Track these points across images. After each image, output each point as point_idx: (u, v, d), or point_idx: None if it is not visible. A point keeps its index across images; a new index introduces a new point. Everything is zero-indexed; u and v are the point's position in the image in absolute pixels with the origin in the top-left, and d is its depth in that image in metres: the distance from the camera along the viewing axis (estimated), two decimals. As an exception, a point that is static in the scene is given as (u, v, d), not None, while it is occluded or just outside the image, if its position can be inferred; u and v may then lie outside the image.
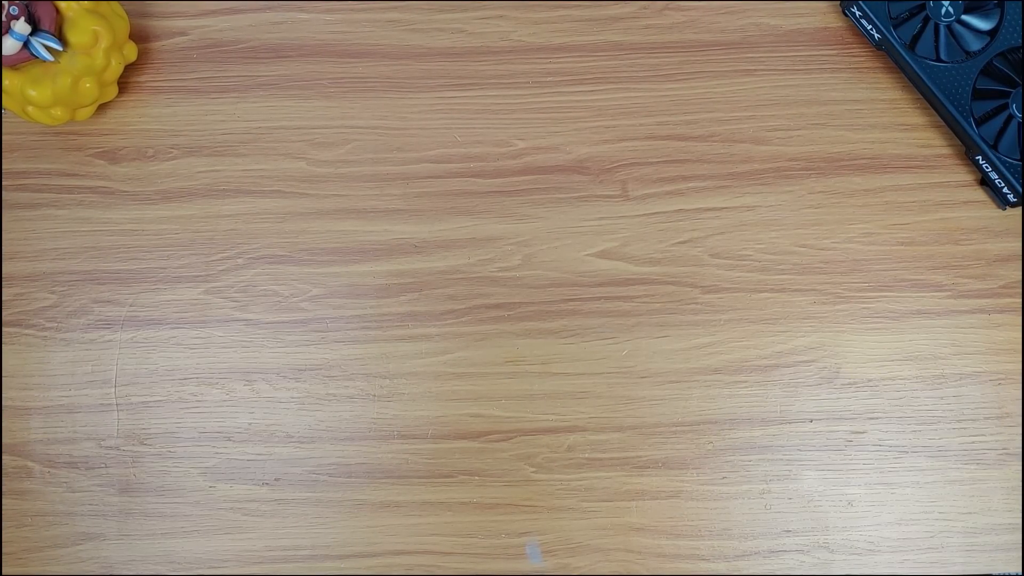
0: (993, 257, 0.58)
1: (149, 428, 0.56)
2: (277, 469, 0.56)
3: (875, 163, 0.59)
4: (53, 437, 0.56)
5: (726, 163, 0.58)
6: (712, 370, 0.57)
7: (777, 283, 0.57)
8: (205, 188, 0.57)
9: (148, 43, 0.58)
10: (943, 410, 0.57)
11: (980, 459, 0.57)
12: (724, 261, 0.58)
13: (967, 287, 0.58)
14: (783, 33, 0.60)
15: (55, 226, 0.57)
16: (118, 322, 0.56)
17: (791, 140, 0.59)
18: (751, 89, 0.59)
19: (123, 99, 0.58)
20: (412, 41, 0.59)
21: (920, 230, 0.58)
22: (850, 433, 0.57)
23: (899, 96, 0.59)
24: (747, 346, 0.57)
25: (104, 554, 0.55)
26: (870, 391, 0.57)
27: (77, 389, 0.56)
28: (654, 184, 0.58)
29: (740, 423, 0.56)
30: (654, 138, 0.58)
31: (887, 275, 0.58)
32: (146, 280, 0.57)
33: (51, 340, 0.56)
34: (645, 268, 0.57)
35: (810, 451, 0.57)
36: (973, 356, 0.57)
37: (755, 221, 0.58)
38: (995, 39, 0.56)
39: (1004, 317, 0.57)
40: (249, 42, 0.59)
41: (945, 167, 0.59)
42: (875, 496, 0.56)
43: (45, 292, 0.57)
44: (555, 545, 0.56)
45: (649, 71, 0.59)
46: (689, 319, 0.57)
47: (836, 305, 0.57)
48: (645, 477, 0.56)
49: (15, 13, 0.49)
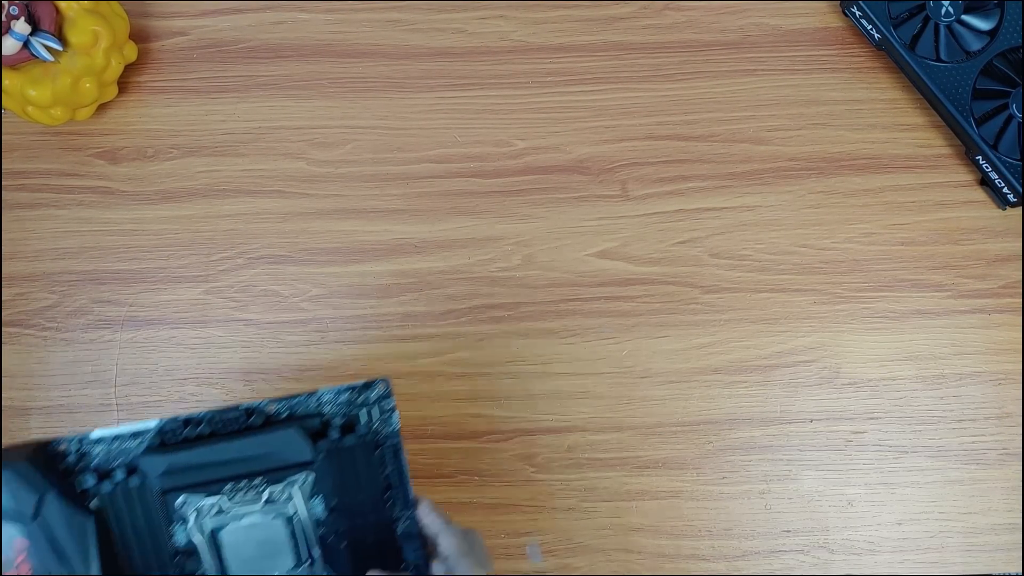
0: (993, 257, 0.58)
1: (149, 428, 0.56)
2: (277, 469, 0.56)
3: (875, 163, 0.59)
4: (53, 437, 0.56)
5: (726, 163, 0.58)
6: (712, 370, 0.57)
7: (777, 283, 0.57)
8: (205, 188, 0.57)
9: (148, 43, 0.58)
10: (943, 410, 0.57)
11: (980, 459, 0.57)
12: (724, 261, 0.58)
13: (967, 287, 0.58)
14: (783, 33, 0.59)
15: (55, 226, 0.57)
16: (118, 322, 0.56)
17: (791, 140, 0.59)
18: (751, 89, 0.59)
19: (123, 99, 0.58)
20: (412, 41, 0.59)
21: (920, 230, 0.58)
22: (850, 433, 0.57)
23: (899, 96, 0.59)
24: (747, 346, 0.57)
25: (104, 554, 0.55)
26: (870, 391, 0.57)
27: (77, 389, 0.56)
28: (654, 184, 0.58)
29: (740, 423, 0.56)
30: (654, 138, 0.58)
31: (887, 275, 0.58)
32: (146, 280, 0.57)
33: (51, 340, 0.56)
34: (645, 268, 0.57)
35: (810, 451, 0.57)
36: (973, 356, 0.57)
37: (755, 221, 0.58)
38: (995, 39, 0.56)
39: (1004, 317, 0.57)
40: (249, 42, 0.59)
41: (945, 167, 0.59)
42: (875, 496, 0.56)
43: (45, 292, 0.57)
44: (555, 545, 0.56)
45: (649, 71, 0.59)
46: (689, 319, 0.57)
47: (836, 305, 0.57)
48: (645, 477, 0.56)
49: (15, 13, 0.49)
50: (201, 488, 0.38)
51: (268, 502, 0.39)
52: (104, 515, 0.38)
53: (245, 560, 0.39)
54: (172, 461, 0.38)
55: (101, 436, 0.38)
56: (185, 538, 0.39)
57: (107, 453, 0.38)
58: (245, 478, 0.38)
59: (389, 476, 0.40)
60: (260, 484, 0.39)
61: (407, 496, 0.40)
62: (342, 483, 0.40)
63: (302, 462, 0.39)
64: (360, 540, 0.40)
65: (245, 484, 0.39)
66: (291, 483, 0.39)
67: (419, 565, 0.41)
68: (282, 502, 0.39)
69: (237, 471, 0.38)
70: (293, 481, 0.39)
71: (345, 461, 0.39)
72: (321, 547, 0.40)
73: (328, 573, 0.40)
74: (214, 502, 0.39)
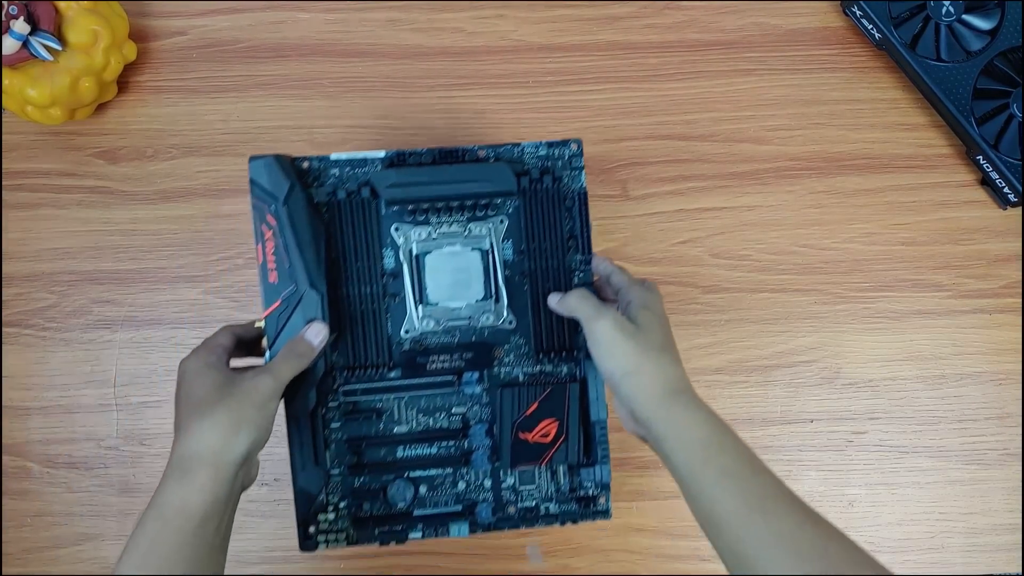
0: (994, 257, 0.58)
1: (148, 428, 0.56)
2: (277, 469, 0.56)
3: (876, 163, 0.58)
4: (52, 437, 0.56)
5: (726, 163, 0.58)
6: (712, 370, 0.57)
7: (777, 283, 0.57)
8: (204, 188, 0.57)
9: (148, 43, 0.58)
10: (944, 410, 0.57)
11: (981, 459, 0.57)
12: (724, 261, 0.57)
13: (967, 287, 0.58)
14: (783, 33, 0.59)
15: (54, 226, 0.57)
16: (117, 322, 0.56)
17: (792, 140, 0.58)
18: (751, 89, 0.59)
19: (123, 99, 0.58)
20: (412, 41, 0.59)
21: (921, 230, 0.58)
22: (851, 433, 0.57)
23: (900, 96, 0.59)
24: (747, 346, 0.57)
25: (104, 554, 0.55)
26: (871, 391, 0.57)
27: (76, 389, 0.56)
28: (654, 184, 0.58)
29: (740, 423, 0.56)
30: (654, 138, 0.58)
31: (888, 275, 0.58)
32: (145, 280, 0.57)
33: (51, 340, 0.56)
34: (645, 268, 0.57)
35: (811, 451, 0.56)
36: (974, 356, 0.57)
37: (755, 221, 0.58)
38: (996, 39, 0.56)
39: (1004, 317, 0.57)
40: (249, 42, 0.59)
41: (946, 167, 0.59)
42: (876, 496, 0.56)
43: (45, 292, 0.56)
44: (555, 545, 0.56)
45: (649, 71, 0.59)
46: (689, 319, 0.57)
47: (837, 305, 0.57)
48: (645, 477, 0.56)
49: (14, 13, 0.49)
50: (417, 207, 0.45)
51: (469, 236, 0.46)
52: (332, 227, 0.45)
53: (441, 286, 0.46)
54: (399, 175, 0.44)
55: (338, 159, 0.45)
56: (393, 261, 0.45)
57: (341, 174, 0.45)
58: (457, 201, 0.45)
59: (572, 228, 0.46)
60: (464, 219, 0.46)
61: (586, 249, 0.46)
62: (531, 230, 0.46)
63: (507, 191, 0.45)
64: (539, 284, 0.46)
65: (452, 216, 0.46)
66: (490, 222, 0.46)
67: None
68: (480, 237, 0.46)
69: (451, 192, 0.45)
70: (492, 221, 0.46)
71: (536, 209, 0.46)
72: (506, 286, 0.46)
73: (508, 309, 0.46)
74: (423, 231, 0.45)
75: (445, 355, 0.46)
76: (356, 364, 0.45)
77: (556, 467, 0.46)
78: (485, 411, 0.46)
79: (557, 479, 0.46)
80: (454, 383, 0.46)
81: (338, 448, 0.45)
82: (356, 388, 0.45)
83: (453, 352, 0.46)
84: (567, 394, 0.45)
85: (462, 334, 0.46)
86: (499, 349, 0.46)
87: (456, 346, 0.46)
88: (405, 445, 0.46)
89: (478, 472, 0.46)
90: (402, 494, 0.45)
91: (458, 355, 0.46)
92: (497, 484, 0.46)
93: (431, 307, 0.45)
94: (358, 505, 0.45)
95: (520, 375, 0.46)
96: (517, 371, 0.46)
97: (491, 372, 0.46)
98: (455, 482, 0.46)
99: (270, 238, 0.43)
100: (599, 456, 0.45)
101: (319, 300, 0.43)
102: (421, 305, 0.45)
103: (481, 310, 0.46)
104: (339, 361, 0.45)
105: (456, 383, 0.46)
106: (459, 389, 0.46)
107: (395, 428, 0.46)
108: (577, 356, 0.46)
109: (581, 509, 0.46)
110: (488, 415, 0.46)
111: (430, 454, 0.46)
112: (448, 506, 0.46)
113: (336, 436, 0.45)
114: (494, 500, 0.46)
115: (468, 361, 0.46)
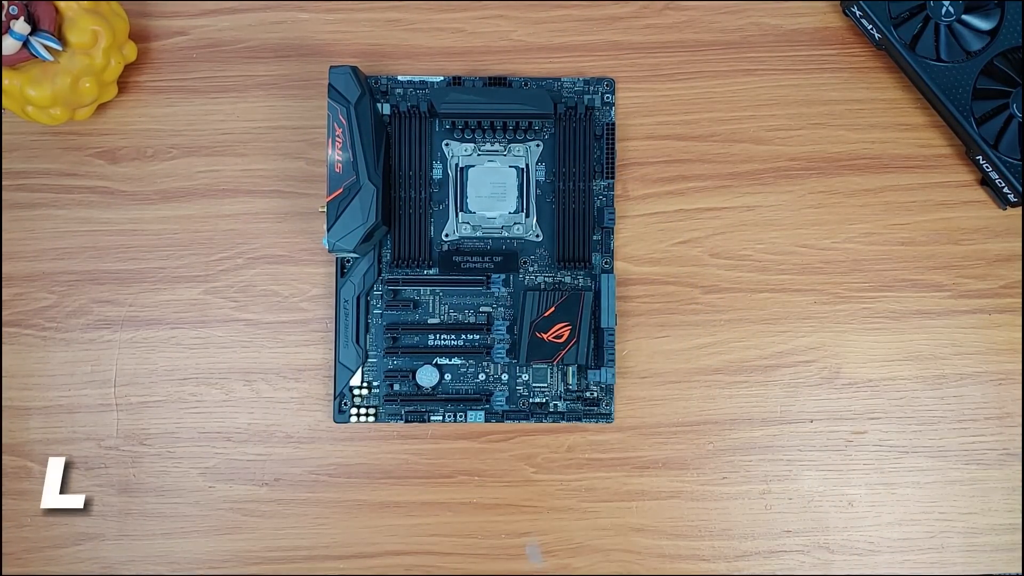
0: (993, 257, 0.58)
1: (148, 428, 0.56)
2: (277, 469, 0.56)
3: (875, 163, 0.59)
4: (53, 437, 0.56)
5: (726, 163, 0.58)
6: (712, 370, 0.57)
7: (777, 283, 0.57)
8: (205, 188, 0.57)
9: (148, 43, 0.58)
10: (943, 410, 0.57)
11: (981, 459, 0.57)
12: (724, 261, 0.58)
13: (967, 287, 0.58)
14: (783, 33, 0.59)
15: (55, 226, 0.57)
16: (117, 322, 0.56)
17: (791, 140, 0.59)
18: (751, 89, 0.59)
19: (123, 99, 0.58)
20: (412, 41, 0.59)
21: (920, 230, 0.58)
22: (850, 433, 0.57)
23: (899, 96, 0.59)
24: (747, 346, 0.57)
25: (103, 554, 0.55)
26: (870, 391, 0.57)
27: (76, 389, 0.56)
28: (654, 184, 0.58)
29: (740, 423, 0.56)
30: (654, 138, 0.58)
31: (887, 275, 0.58)
32: (145, 280, 0.57)
33: (50, 340, 0.56)
34: (645, 268, 0.57)
35: (810, 451, 0.57)
36: (973, 356, 0.57)
37: (755, 221, 0.58)
38: (995, 39, 0.56)
39: (1004, 317, 0.57)
40: (249, 42, 0.59)
41: (945, 167, 0.59)
42: (875, 496, 0.56)
43: (44, 292, 0.56)
44: (555, 545, 0.56)
45: (649, 71, 0.59)
46: (689, 319, 0.57)
47: (836, 305, 0.57)
48: (645, 477, 0.56)
49: (14, 13, 0.49)
50: (467, 125, 0.54)
51: (508, 155, 0.54)
52: (392, 137, 0.54)
53: (480, 197, 0.54)
54: (455, 94, 0.53)
55: (404, 79, 0.55)
56: (441, 172, 0.54)
57: (405, 92, 0.55)
58: (501, 120, 0.53)
59: (600, 157, 0.55)
60: (505, 140, 0.54)
61: (610, 175, 0.55)
62: (562, 153, 0.54)
63: (545, 113, 0.53)
64: (567, 204, 0.54)
65: (495, 136, 0.54)
66: (528, 144, 0.54)
67: (609, 231, 0.55)
68: (518, 156, 0.54)
69: (497, 110, 0.53)
70: (529, 144, 0.54)
71: (569, 134, 0.54)
72: (536, 203, 0.54)
73: (536, 224, 0.54)
74: (469, 147, 0.54)
75: (477, 258, 0.54)
76: (400, 259, 0.53)
77: (567, 368, 0.54)
78: (508, 311, 0.54)
79: (567, 379, 0.54)
80: (483, 283, 0.54)
81: (377, 332, 0.54)
82: (398, 278, 0.54)
83: (485, 256, 0.54)
84: (581, 301, 0.52)
85: (494, 242, 0.54)
86: (525, 258, 0.54)
87: (488, 251, 0.54)
88: (436, 334, 0.54)
89: (497, 366, 0.54)
90: (430, 378, 0.53)
91: (489, 259, 0.54)
92: (513, 378, 0.54)
93: (470, 215, 0.54)
94: (389, 385, 0.54)
95: (542, 282, 0.54)
96: (540, 278, 0.54)
97: (516, 277, 0.54)
98: (476, 373, 0.54)
99: (340, 135, 0.50)
100: (605, 360, 0.52)
101: (374, 193, 0.50)
102: (461, 212, 0.54)
103: (513, 222, 0.54)
104: (386, 255, 0.54)
105: (485, 283, 0.54)
106: (487, 289, 0.54)
107: (428, 319, 0.54)
108: (592, 271, 0.54)
109: (585, 409, 0.54)
110: (510, 315, 0.54)
111: (457, 345, 0.54)
112: (468, 394, 0.54)
113: (376, 321, 0.54)
114: (509, 392, 0.54)
115: (497, 265, 0.54)
